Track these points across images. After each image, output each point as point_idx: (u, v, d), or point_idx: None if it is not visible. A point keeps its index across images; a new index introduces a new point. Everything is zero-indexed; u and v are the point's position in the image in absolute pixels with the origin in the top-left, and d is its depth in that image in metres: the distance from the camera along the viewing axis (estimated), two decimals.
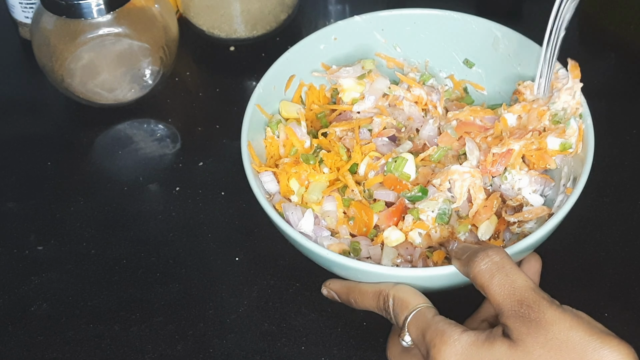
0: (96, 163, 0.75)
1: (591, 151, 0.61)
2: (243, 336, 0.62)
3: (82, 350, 0.62)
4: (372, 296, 0.55)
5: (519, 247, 0.55)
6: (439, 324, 0.50)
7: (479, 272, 0.49)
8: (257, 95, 0.65)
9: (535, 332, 0.46)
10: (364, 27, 0.71)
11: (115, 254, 0.67)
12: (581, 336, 0.45)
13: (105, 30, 0.72)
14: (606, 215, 0.68)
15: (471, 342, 0.47)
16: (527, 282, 0.48)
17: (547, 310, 0.46)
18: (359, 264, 0.55)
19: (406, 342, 0.52)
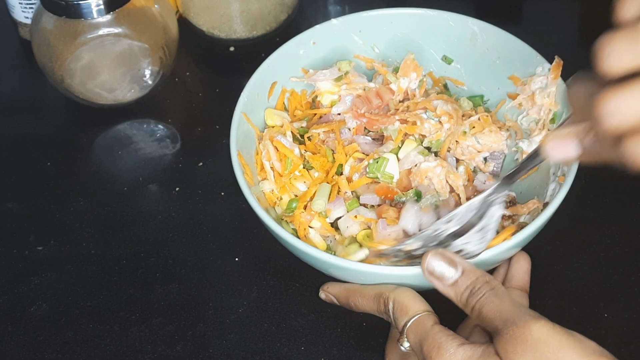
0: (96, 163, 0.75)
1: None
2: (243, 336, 0.62)
3: (82, 351, 0.61)
4: (372, 299, 0.55)
5: (522, 236, 0.55)
6: (437, 335, 0.50)
7: (465, 298, 0.51)
8: (242, 104, 0.65)
9: (522, 352, 0.45)
10: (342, 30, 0.71)
11: (115, 254, 0.67)
12: (572, 357, 0.44)
13: (105, 30, 0.72)
14: (606, 215, 0.68)
15: (466, 358, 0.47)
16: (511, 300, 0.48)
17: (533, 327, 0.45)
18: (356, 264, 0.55)
19: (405, 348, 0.53)
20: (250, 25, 0.83)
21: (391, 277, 0.55)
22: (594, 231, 0.67)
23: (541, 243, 0.64)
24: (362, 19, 0.71)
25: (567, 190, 0.57)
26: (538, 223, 0.56)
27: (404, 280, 0.55)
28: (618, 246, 0.66)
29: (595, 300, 0.62)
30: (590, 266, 0.65)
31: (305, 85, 0.71)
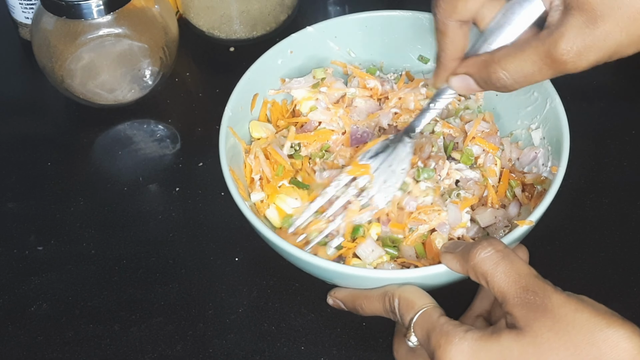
0: (96, 163, 0.75)
1: (566, 130, 0.61)
2: (243, 336, 0.62)
3: (82, 351, 0.62)
4: (377, 299, 0.55)
5: (521, 232, 0.56)
6: (444, 325, 0.50)
7: (482, 260, 0.50)
8: (228, 118, 0.64)
9: (542, 317, 0.46)
10: (317, 37, 0.71)
11: (115, 254, 0.68)
12: (587, 317, 0.45)
13: (105, 31, 0.72)
14: (606, 215, 0.68)
15: (477, 338, 0.47)
16: (530, 270, 0.49)
17: (552, 296, 0.47)
18: (356, 270, 0.55)
19: (412, 343, 0.52)
20: (250, 26, 0.83)
21: (394, 279, 0.55)
22: (594, 231, 0.67)
23: (541, 243, 0.64)
24: (336, 25, 0.71)
25: (562, 177, 0.58)
26: (538, 214, 0.56)
27: (407, 281, 0.55)
28: (618, 246, 0.66)
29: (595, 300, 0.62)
30: (590, 266, 0.65)
31: (285, 95, 0.70)
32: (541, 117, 0.64)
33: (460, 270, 0.52)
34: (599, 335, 0.45)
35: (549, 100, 0.63)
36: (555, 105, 0.62)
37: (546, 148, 0.64)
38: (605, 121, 0.76)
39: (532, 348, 0.46)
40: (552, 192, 0.57)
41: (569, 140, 0.60)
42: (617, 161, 0.72)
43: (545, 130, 0.64)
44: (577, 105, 0.65)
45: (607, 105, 0.77)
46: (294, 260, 0.58)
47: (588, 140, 0.72)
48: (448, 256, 0.53)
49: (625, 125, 0.75)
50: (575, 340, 0.45)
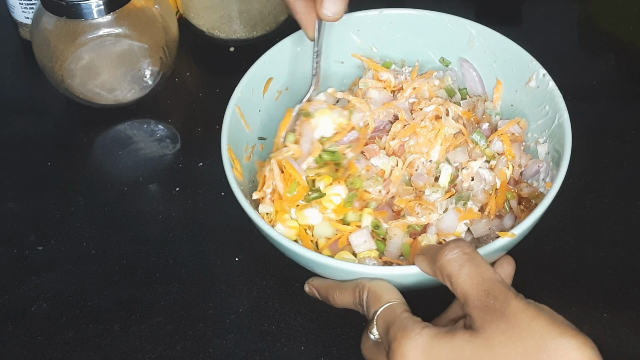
0: (96, 163, 0.75)
1: (568, 147, 0.60)
2: (243, 336, 0.62)
3: (82, 350, 0.62)
4: (349, 291, 0.56)
5: (501, 244, 0.56)
6: (403, 320, 0.50)
7: (448, 261, 0.50)
8: (237, 98, 0.65)
9: (497, 320, 0.46)
10: (340, 29, 0.71)
11: (115, 254, 0.68)
12: (542, 325, 0.45)
13: (105, 30, 0.73)
14: (606, 215, 0.68)
15: (433, 335, 0.48)
16: (495, 275, 0.49)
17: (512, 301, 0.47)
18: (334, 261, 0.55)
19: (374, 335, 0.53)
20: (250, 26, 0.83)
21: (367, 274, 0.55)
22: (594, 231, 0.67)
23: (541, 243, 0.64)
24: (360, 18, 0.71)
25: (553, 197, 0.57)
26: (522, 228, 0.56)
27: (379, 277, 0.55)
28: (618, 246, 0.66)
29: (595, 300, 0.63)
30: (590, 266, 0.65)
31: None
32: (549, 132, 0.64)
33: (429, 271, 0.52)
34: (551, 344, 0.45)
35: (557, 115, 0.63)
36: (562, 122, 0.62)
37: (549, 163, 0.63)
38: (605, 121, 0.76)
39: (484, 350, 0.46)
40: (541, 207, 0.57)
41: (569, 160, 0.60)
42: (617, 161, 0.72)
43: (551, 145, 0.64)
44: (577, 105, 0.64)
45: (607, 105, 0.77)
46: (277, 245, 0.58)
47: (588, 140, 0.72)
48: (420, 257, 0.53)
49: (625, 125, 0.75)
50: (527, 346, 0.45)
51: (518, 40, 0.67)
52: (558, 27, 0.84)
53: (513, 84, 0.68)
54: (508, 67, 0.68)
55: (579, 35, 0.85)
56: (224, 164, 0.60)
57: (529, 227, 0.56)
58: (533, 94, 0.66)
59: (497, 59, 0.69)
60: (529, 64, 0.66)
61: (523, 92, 0.67)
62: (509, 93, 0.69)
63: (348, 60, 0.73)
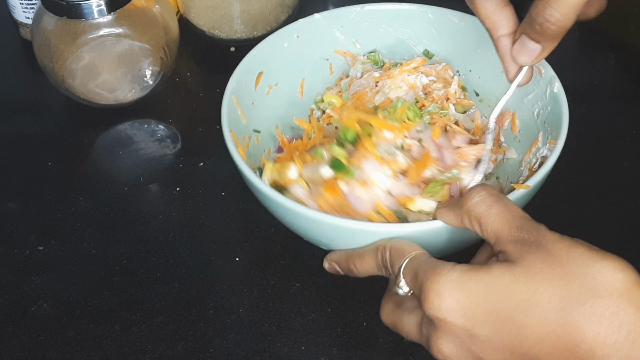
0: (97, 163, 0.76)
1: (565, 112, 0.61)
2: (243, 336, 0.62)
3: (83, 350, 0.62)
4: (370, 255, 0.55)
5: (518, 195, 0.56)
6: (432, 262, 0.49)
7: (475, 203, 0.49)
8: (232, 88, 0.65)
9: (535, 251, 0.46)
10: (324, 25, 0.72)
11: (116, 254, 0.68)
12: (581, 251, 0.45)
13: (106, 30, 0.73)
14: (606, 215, 0.68)
15: (467, 270, 0.47)
16: (525, 213, 0.49)
17: (547, 234, 0.47)
18: (349, 222, 0.55)
19: (402, 289, 0.52)
20: (250, 26, 0.83)
21: (388, 233, 0.54)
22: (594, 231, 0.67)
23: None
24: (343, 14, 0.72)
25: (561, 150, 0.58)
26: (536, 179, 0.56)
27: (400, 236, 0.55)
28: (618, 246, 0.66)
29: None
30: None
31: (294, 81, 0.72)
32: (542, 104, 0.65)
33: (454, 220, 0.51)
34: (593, 267, 0.45)
35: (549, 86, 0.64)
36: (556, 90, 0.63)
37: (545, 130, 0.64)
38: (605, 121, 0.76)
39: (525, 277, 0.45)
40: (551, 161, 0.58)
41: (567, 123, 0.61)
42: (617, 161, 0.72)
43: (546, 115, 0.64)
44: (577, 105, 0.64)
45: (607, 105, 0.77)
46: (286, 214, 0.58)
47: (588, 140, 0.72)
48: (442, 209, 0.53)
49: (625, 125, 0.75)
50: (570, 271, 0.44)
51: None
52: None
53: (499, 66, 0.68)
54: (492, 51, 0.68)
55: (579, 35, 0.85)
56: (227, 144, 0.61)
57: (542, 179, 0.57)
58: None
59: (480, 45, 0.69)
60: None
61: None
62: (495, 76, 0.69)
63: (332, 57, 0.73)
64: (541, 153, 0.62)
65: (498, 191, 0.51)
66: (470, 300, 0.46)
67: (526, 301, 0.45)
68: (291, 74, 0.72)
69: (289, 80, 0.72)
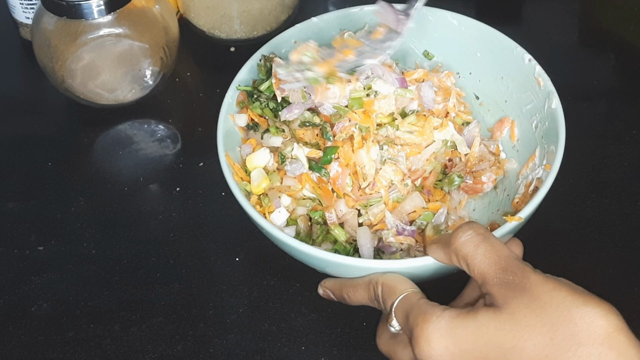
0: (97, 163, 0.76)
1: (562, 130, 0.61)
2: (243, 336, 0.62)
3: (82, 350, 0.62)
4: (363, 287, 0.56)
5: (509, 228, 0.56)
6: (422, 305, 0.50)
7: (462, 243, 0.50)
8: (227, 105, 0.65)
9: (519, 295, 0.46)
10: (322, 28, 0.71)
11: (116, 254, 0.68)
12: (564, 296, 0.46)
13: (105, 30, 0.73)
14: (606, 216, 0.68)
15: (454, 316, 0.48)
16: (510, 252, 0.49)
17: (531, 276, 0.47)
18: (341, 258, 0.55)
19: (394, 328, 0.53)
20: (250, 26, 0.83)
21: (380, 269, 0.55)
22: (594, 231, 0.67)
23: (541, 243, 0.64)
24: (341, 17, 0.72)
25: (555, 177, 0.58)
26: (528, 211, 0.56)
27: (392, 271, 0.55)
28: (618, 246, 0.66)
29: None
30: (590, 266, 0.65)
31: None
32: (540, 116, 0.64)
33: (443, 258, 0.52)
34: (576, 313, 0.45)
35: (547, 100, 0.63)
36: (553, 105, 0.62)
37: (543, 146, 0.64)
38: (605, 121, 0.76)
39: (509, 325, 0.46)
40: (544, 188, 0.57)
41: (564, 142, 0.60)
42: (617, 161, 0.72)
43: (544, 129, 0.64)
44: (577, 105, 0.65)
45: (607, 105, 0.77)
46: (281, 245, 0.58)
47: (588, 140, 0.73)
48: (432, 246, 0.53)
49: (625, 125, 0.75)
50: (552, 317, 0.45)
51: (518, 40, 0.68)
52: (558, 27, 0.84)
53: (498, 71, 0.68)
54: (492, 55, 0.68)
55: (579, 35, 0.85)
56: (225, 173, 0.61)
57: (534, 209, 0.57)
58: (519, 79, 0.67)
59: (481, 48, 0.69)
60: (513, 51, 0.66)
61: (509, 79, 0.68)
62: (494, 80, 0.69)
63: None
64: (536, 174, 0.62)
65: (485, 228, 0.51)
66: (458, 347, 0.47)
67: (512, 349, 0.46)
68: None
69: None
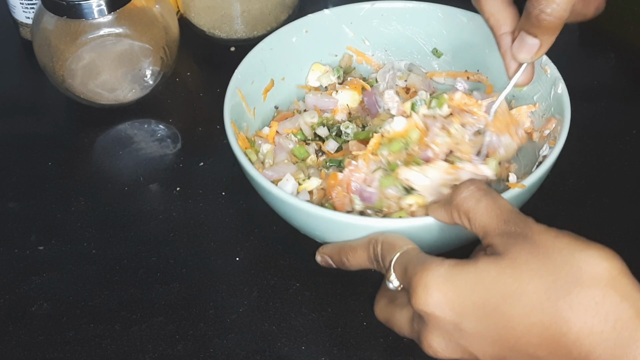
0: (97, 163, 0.76)
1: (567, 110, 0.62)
2: (243, 336, 0.62)
3: (83, 350, 0.62)
4: (362, 248, 0.55)
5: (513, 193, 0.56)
6: (421, 257, 0.49)
7: (463, 198, 0.50)
8: (237, 80, 0.66)
9: (521, 242, 0.46)
10: (334, 21, 0.72)
11: (116, 254, 0.68)
12: (567, 242, 0.45)
13: (106, 30, 0.73)
14: (606, 215, 0.68)
15: (454, 264, 0.47)
16: (513, 206, 0.49)
17: (533, 226, 0.47)
18: (343, 216, 0.56)
19: (392, 284, 0.52)
20: (251, 26, 0.83)
21: (379, 228, 0.55)
22: (594, 231, 0.67)
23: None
24: (353, 11, 0.72)
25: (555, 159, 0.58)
26: (532, 180, 0.56)
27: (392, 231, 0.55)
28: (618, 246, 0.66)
29: None
30: None
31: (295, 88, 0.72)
32: (546, 104, 0.65)
33: (445, 216, 0.52)
34: (579, 256, 0.45)
35: (554, 87, 0.64)
36: (560, 90, 0.63)
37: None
38: (605, 121, 0.76)
39: (510, 270, 0.45)
40: (550, 160, 0.58)
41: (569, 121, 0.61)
42: (617, 161, 0.72)
43: (550, 114, 0.64)
44: (577, 105, 0.64)
45: (607, 105, 0.77)
46: (281, 206, 0.58)
47: (588, 140, 0.73)
48: (433, 205, 0.53)
49: (625, 125, 0.75)
50: (555, 261, 0.45)
51: None
52: None
53: None
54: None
55: (579, 35, 0.85)
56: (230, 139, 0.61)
57: (539, 179, 0.57)
58: None
59: (489, 45, 0.69)
60: None
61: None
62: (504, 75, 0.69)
63: (341, 53, 0.74)
64: (543, 151, 0.63)
65: (486, 184, 0.51)
66: (457, 294, 0.46)
67: (512, 292, 0.45)
68: (298, 68, 0.72)
69: (296, 74, 0.72)
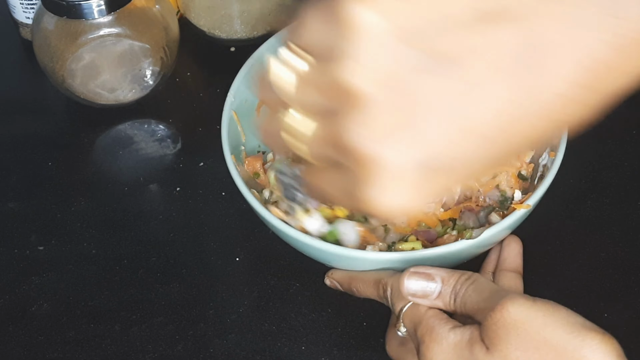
0: (97, 163, 0.76)
1: None
2: (243, 336, 0.62)
3: (83, 350, 0.62)
4: (372, 285, 0.56)
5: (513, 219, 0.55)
6: (430, 319, 0.50)
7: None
8: (230, 103, 0.65)
9: (505, 336, 0.44)
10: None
11: (116, 254, 0.68)
12: (560, 335, 0.43)
13: (106, 30, 0.73)
14: (606, 216, 0.68)
15: (456, 343, 0.48)
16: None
17: (510, 308, 0.45)
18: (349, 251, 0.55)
19: (401, 333, 0.53)
20: (250, 26, 0.83)
21: (386, 261, 0.55)
22: (594, 231, 0.67)
23: (541, 243, 0.64)
24: None
25: (555, 173, 0.58)
26: (535, 198, 0.56)
27: (398, 265, 0.55)
28: (618, 246, 0.66)
29: (595, 300, 0.63)
30: (590, 266, 0.65)
31: None
32: None
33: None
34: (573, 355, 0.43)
35: None
36: None
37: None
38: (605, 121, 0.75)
39: None
40: (550, 177, 0.57)
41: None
42: (617, 161, 0.72)
43: None
44: None
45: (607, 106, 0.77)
46: (288, 239, 0.58)
47: (588, 140, 0.72)
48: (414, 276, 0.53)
49: (625, 125, 0.75)
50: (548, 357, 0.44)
51: None
52: None
53: None
54: None
55: None
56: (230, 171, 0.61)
57: (541, 196, 0.57)
58: None
59: None
60: None
61: None
62: None
63: None
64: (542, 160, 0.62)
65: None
66: None
67: None
68: None
69: None
